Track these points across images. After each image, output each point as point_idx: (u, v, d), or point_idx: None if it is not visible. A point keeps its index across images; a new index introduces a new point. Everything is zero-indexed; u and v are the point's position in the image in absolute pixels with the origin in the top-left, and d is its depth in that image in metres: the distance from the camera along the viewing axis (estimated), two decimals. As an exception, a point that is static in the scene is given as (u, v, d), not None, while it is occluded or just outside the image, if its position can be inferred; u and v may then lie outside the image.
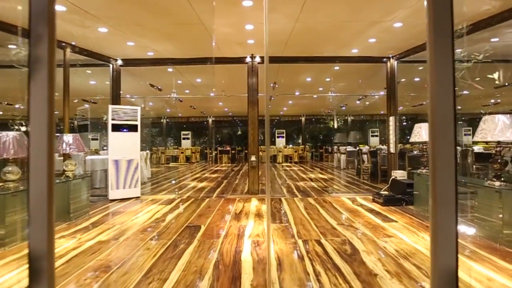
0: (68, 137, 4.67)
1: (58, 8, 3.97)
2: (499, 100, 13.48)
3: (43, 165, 1.27)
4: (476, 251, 3.15)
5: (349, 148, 12.31)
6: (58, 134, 4.77)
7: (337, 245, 3.36)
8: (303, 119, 20.00)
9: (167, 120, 19.84)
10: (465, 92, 9.65)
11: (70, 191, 4.55)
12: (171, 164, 15.98)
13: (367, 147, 10.70)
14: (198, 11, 3.89)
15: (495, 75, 4.21)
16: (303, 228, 4.02)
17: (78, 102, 9.98)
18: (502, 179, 3.46)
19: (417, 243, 3.39)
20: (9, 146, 3.52)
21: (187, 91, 10.29)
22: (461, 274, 2.61)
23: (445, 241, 1.28)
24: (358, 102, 13.32)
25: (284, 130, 19.53)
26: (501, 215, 3.34)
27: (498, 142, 3.52)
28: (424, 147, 5.33)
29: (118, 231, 3.99)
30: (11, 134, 3.58)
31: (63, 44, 5.16)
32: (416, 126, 5.05)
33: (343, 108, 15.68)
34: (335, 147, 14.10)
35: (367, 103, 13.07)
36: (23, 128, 7.24)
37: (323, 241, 3.51)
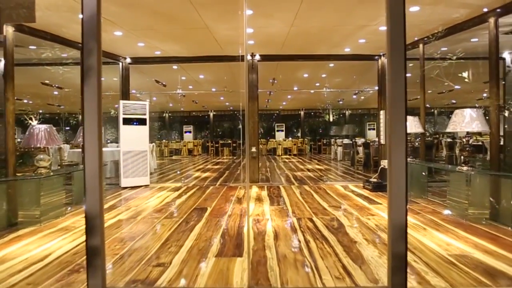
0: (87, 130, 5.18)
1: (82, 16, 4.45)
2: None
3: (95, 149, 1.84)
4: (444, 225, 3.68)
5: (346, 141, 12.82)
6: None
7: (326, 222, 3.90)
8: (302, 113, 20.49)
9: (169, 114, 20.33)
10: (457, 87, 10.12)
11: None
12: (174, 157, 16.51)
13: (362, 139, 11.19)
14: (205, 18, 4.37)
15: (465, 74, 4.71)
16: (297, 209, 4.56)
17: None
18: (470, 164, 3.99)
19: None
20: (42, 137, 4.04)
21: (190, 87, 10.78)
22: (426, 240, 3.15)
23: (398, 205, 1.86)
24: (354, 96, 13.81)
25: (283, 124, 20.06)
26: (467, 196, 3.87)
27: (467, 133, 4.03)
28: (409, 138, 5.85)
29: (134, 212, 4.54)
30: (43, 126, 4.10)
31: (79, 45, 5.65)
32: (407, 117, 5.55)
33: (341, 102, 16.15)
34: (333, 140, 14.63)
35: (362, 97, 13.53)
36: (34, 122, 7.75)
37: (314, 218, 4.05)
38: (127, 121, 6.62)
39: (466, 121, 3.83)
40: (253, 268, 2.55)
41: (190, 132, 20.06)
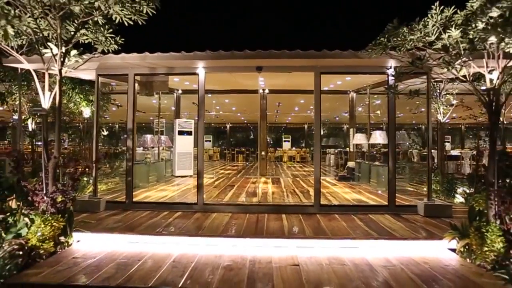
0: (164, 137, 8.67)
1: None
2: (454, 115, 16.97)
3: (202, 145, 5.57)
4: (363, 192, 6.91)
5: (337, 150, 16.04)
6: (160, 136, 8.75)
7: (301, 190, 7.20)
8: (305, 126, 23.79)
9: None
10: (422, 110, 13.29)
11: (164, 168, 8.53)
12: (198, 161, 19.94)
13: (347, 149, 14.38)
14: (237, 79, 7.87)
15: (378, 112, 7.97)
16: (287, 186, 7.88)
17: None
18: (381, 161, 7.24)
19: (338, 190, 7.20)
20: (148, 142, 7.51)
21: (218, 107, 14.32)
22: (346, 196, 6.41)
23: (316, 169, 5.47)
24: (345, 114, 17.06)
25: (289, 135, 23.33)
26: (376, 179, 7.11)
27: (379, 144, 7.29)
28: (364, 147, 9.12)
29: (192, 185, 7.91)
30: (149, 136, 7.57)
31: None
32: (356, 134, 8.84)
33: (337, 118, 19.42)
34: (330, 149, 17.87)
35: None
36: (105, 132, 11.28)
37: (295, 189, 7.36)
38: (180, 133, 10.09)
39: (375, 137, 7.11)
40: (261, 199, 5.88)
41: (209, 141, 23.57)
